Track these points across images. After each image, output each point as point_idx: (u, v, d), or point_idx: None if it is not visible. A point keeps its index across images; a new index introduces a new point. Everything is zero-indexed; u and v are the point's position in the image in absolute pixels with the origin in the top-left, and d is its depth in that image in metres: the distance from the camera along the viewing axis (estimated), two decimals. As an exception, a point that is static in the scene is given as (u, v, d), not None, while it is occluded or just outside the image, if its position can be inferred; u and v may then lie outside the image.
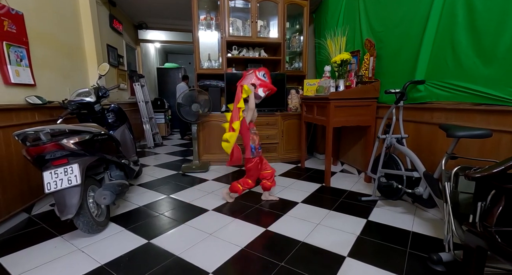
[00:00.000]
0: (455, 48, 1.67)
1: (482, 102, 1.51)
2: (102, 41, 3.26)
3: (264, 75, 2.01)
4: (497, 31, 1.40)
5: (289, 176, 2.81)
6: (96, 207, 1.61)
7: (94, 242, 1.51)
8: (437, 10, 1.77)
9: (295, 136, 3.35)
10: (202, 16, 3.24)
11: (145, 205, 2.06)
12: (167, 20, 4.71)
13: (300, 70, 3.50)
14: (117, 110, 2.31)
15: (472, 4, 1.53)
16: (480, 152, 1.53)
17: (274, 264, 1.30)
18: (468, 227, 1.06)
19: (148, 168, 3.17)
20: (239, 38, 3.21)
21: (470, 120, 1.58)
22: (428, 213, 1.86)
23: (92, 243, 1.49)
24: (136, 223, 1.74)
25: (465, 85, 1.60)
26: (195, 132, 3.06)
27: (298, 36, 3.52)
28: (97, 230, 1.54)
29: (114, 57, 3.77)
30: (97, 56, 3.01)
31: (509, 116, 1.36)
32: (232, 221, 1.79)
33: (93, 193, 1.58)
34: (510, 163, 1.00)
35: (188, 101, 2.90)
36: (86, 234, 1.54)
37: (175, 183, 2.61)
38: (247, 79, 1.98)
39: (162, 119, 5.52)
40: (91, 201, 1.57)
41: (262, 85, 1.98)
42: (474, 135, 1.27)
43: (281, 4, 3.18)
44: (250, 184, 2.03)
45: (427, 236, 1.55)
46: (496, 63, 1.41)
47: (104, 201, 1.53)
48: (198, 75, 3.28)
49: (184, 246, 1.47)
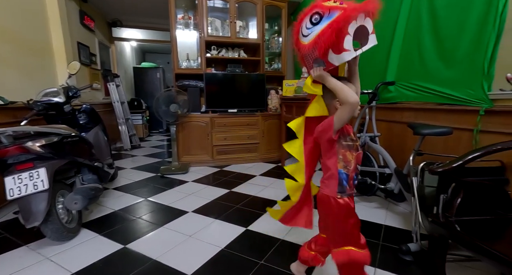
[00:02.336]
0: (421, 51, 1.78)
1: (445, 102, 1.63)
2: (72, 39, 3.09)
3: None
4: (456, 36, 1.52)
5: (269, 175, 2.84)
6: (66, 213, 1.52)
7: (65, 250, 1.42)
8: (404, 14, 1.88)
9: (275, 136, 3.40)
10: (179, 15, 3.19)
11: (121, 209, 1.98)
12: (143, 18, 4.57)
13: (280, 71, 3.56)
14: (90, 111, 2.20)
15: (435, 11, 1.64)
16: (444, 148, 1.65)
17: (254, 263, 1.31)
18: (432, 218, 1.14)
19: (125, 171, 3.05)
20: (218, 38, 3.19)
21: (435, 119, 1.70)
22: (399, 207, 1.96)
23: (62, 251, 1.41)
24: (111, 228, 1.67)
25: (430, 87, 1.72)
26: (174, 133, 3.00)
27: (277, 37, 3.57)
28: (67, 237, 1.46)
29: (86, 56, 3.59)
30: (67, 54, 2.85)
31: (468, 115, 1.48)
32: (213, 222, 1.77)
33: (63, 199, 1.50)
34: (467, 158, 1.09)
35: (166, 102, 2.83)
36: (56, 242, 1.46)
37: (153, 185, 2.54)
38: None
39: (140, 120, 5.34)
40: (61, 206, 1.48)
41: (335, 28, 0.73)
42: (437, 133, 1.37)
43: (259, 5, 3.21)
44: (342, 255, 0.92)
45: (398, 229, 1.64)
46: (455, 66, 1.53)
47: (75, 206, 1.46)
48: (177, 75, 3.22)
49: (162, 249, 1.43)
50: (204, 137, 3.14)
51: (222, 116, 3.16)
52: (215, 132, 3.16)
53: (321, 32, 0.74)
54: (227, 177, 2.77)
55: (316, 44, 0.76)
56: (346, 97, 0.79)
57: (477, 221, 1.11)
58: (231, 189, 2.41)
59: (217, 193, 2.30)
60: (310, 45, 0.78)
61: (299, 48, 0.84)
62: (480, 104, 1.39)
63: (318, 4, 0.77)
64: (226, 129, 3.19)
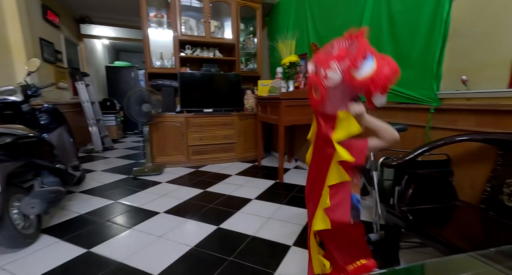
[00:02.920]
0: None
1: (403, 101, 1.75)
2: (33, 34, 2.90)
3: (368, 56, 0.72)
4: (410, 40, 1.64)
5: (245, 174, 2.86)
6: (22, 218, 1.43)
7: (20, 257, 1.34)
8: (367, 19, 1.99)
9: (252, 135, 3.42)
10: (152, 13, 3.12)
11: (88, 212, 1.90)
12: (114, 15, 4.39)
13: (255, 71, 3.59)
14: (52, 110, 2.08)
15: (393, 16, 1.76)
16: (402, 144, 1.76)
17: (223, 259, 1.32)
18: (388, 209, 1.22)
19: (95, 173, 2.92)
20: (193, 38, 3.16)
21: (395, 117, 1.81)
22: (366, 201, 2.07)
23: (17, 259, 1.33)
24: (74, 233, 1.59)
25: (391, 87, 1.83)
26: (147, 134, 2.92)
27: (252, 38, 3.61)
28: (23, 244, 1.38)
29: (50, 53, 3.39)
30: (26, 50, 2.67)
31: (421, 113, 1.60)
32: (184, 222, 1.76)
33: (18, 203, 1.41)
34: (417, 152, 1.18)
35: (139, 101, 2.76)
36: (10, 249, 1.36)
37: (124, 187, 2.45)
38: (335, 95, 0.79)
39: (113, 121, 5.12)
40: (16, 211, 1.39)
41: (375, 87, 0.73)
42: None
43: (234, 6, 3.22)
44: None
45: (363, 221, 1.73)
46: (411, 68, 1.65)
47: (33, 211, 1.38)
48: (150, 74, 3.14)
49: (129, 251, 1.40)
50: (179, 137, 3.10)
51: (198, 116, 3.14)
52: (191, 132, 3.13)
53: (379, 68, 0.69)
54: (202, 177, 2.75)
55: (373, 80, 0.70)
56: (392, 135, 0.76)
57: (427, 209, 1.21)
58: (206, 189, 2.40)
59: (191, 193, 2.27)
60: (367, 80, 0.70)
61: (352, 82, 0.72)
62: (430, 103, 1.52)
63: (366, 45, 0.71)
64: (201, 129, 3.17)
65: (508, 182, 1.12)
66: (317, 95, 0.79)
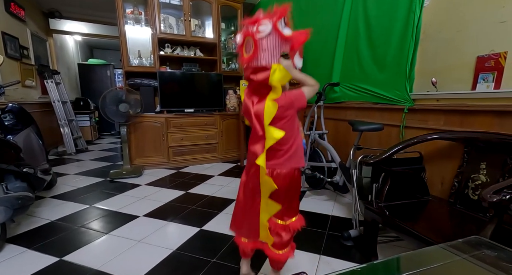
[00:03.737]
0: (359, 57, 1.97)
1: (379, 102, 1.83)
2: (-4, 28, 2.68)
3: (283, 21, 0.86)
4: (385, 44, 1.72)
5: (228, 175, 2.84)
6: (-16, 227, 1.31)
7: (-18, 270, 1.23)
8: (345, 22, 2.06)
9: (234, 135, 3.41)
10: (128, 9, 2.99)
11: (60, 218, 1.78)
12: (86, 9, 4.17)
13: (237, 71, 3.58)
14: (18, 110, 1.93)
15: (369, 20, 1.84)
16: (379, 143, 1.85)
17: (206, 261, 1.30)
18: (366, 205, 1.27)
19: (68, 177, 2.75)
20: (172, 36, 3.08)
21: (371, 116, 1.89)
22: (345, 198, 2.14)
23: (-21, 272, 1.22)
24: (45, 241, 1.49)
25: (368, 88, 1.91)
26: (124, 134, 2.81)
27: (234, 38, 3.59)
28: (-14, 255, 1.26)
29: (14, 48, 3.14)
30: (-12, 45, 2.46)
31: (396, 113, 1.69)
32: (165, 224, 1.71)
33: (-21, 211, 1.29)
34: (392, 151, 1.24)
35: (115, 101, 2.64)
36: (-29, 262, 1.25)
37: (101, 191, 2.34)
38: (267, 46, 0.85)
39: (87, 121, 4.86)
40: (-24, 220, 1.28)
41: (297, 43, 0.86)
42: (371, 129, 1.53)
43: (214, 5, 3.19)
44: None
45: (343, 218, 1.79)
46: (386, 69, 1.74)
47: (-3, 219, 1.27)
48: (128, 73, 3.02)
49: (106, 258, 1.33)
50: (159, 138, 3.01)
51: (178, 116, 3.06)
52: (171, 132, 3.05)
53: (298, 32, 0.85)
54: (184, 179, 2.69)
55: (294, 38, 0.84)
56: (314, 80, 0.95)
57: (402, 205, 1.27)
58: (188, 190, 2.35)
59: (172, 195, 2.22)
60: (290, 37, 0.84)
61: (279, 33, 0.83)
62: (404, 103, 1.60)
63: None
64: (182, 129, 3.10)
65: (472, 177, 1.21)
66: (249, 53, 0.88)
